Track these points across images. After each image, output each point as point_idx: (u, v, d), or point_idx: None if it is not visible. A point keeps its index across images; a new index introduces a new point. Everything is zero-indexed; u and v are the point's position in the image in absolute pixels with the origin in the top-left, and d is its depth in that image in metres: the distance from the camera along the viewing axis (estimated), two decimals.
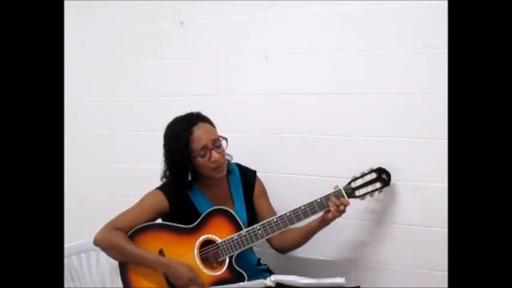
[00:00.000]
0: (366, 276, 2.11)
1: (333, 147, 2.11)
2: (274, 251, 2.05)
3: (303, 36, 2.13)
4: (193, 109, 1.97)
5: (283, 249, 2.03)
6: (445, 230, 1.86)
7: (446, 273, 1.38)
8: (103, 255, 2.39)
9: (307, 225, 1.94)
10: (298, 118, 2.18)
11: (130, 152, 2.59)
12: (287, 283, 1.64)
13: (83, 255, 2.39)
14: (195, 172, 1.96)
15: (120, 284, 1.95)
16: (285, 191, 2.10)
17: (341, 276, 1.64)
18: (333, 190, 1.89)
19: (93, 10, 2.55)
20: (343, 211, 1.87)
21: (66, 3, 1.72)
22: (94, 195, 2.69)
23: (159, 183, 1.99)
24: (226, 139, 1.93)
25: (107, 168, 2.66)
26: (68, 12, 1.92)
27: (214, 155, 1.88)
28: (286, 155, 2.20)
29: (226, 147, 1.93)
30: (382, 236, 2.08)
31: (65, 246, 2.12)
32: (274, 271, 2.06)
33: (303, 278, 1.64)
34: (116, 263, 1.94)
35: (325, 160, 2.14)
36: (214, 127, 1.95)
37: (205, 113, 1.96)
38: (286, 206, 2.09)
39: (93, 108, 2.65)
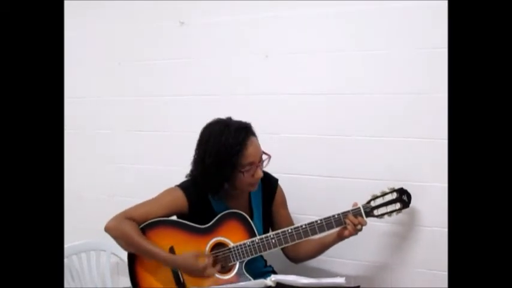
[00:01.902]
0: (366, 276, 2.11)
1: (333, 147, 2.11)
2: (277, 251, 2.05)
3: (303, 36, 2.13)
4: (194, 109, 1.97)
5: (297, 260, 2.03)
6: (445, 230, 1.86)
7: (446, 273, 1.38)
8: (103, 255, 2.40)
9: (322, 239, 1.92)
10: (298, 118, 2.18)
11: (130, 152, 2.59)
12: (287, 283, 1.64)
13: (83, 255, 2.39)
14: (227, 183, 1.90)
15: (120, 284, 1.95)
16: (285, 191, 2.10)
17: (341, 276, 1.64)
18: (351, 207, 1.86)
19: (93, 10, 2.55)
20: (360, 230, 1.84)
21: (66, 3, 1.72)
22: (94, 195, 2.69)
23: (158, 183, 1.98)
24: (270, 156, 1.89)
25: (106, 168, 2.66)
26: (68, 12, 1.92)
27: (259, 172, 1.85)
28: (286, 155, 2.20)
29: (266, 165, 1.89)
30: (382, 235, 2.08)
31: (65, 246, 2.12)
32: (277, 271, 2.05)
33: (303, 277, 1.64)
34: (116, 263, 1.94)
35: (325, 160, 2.14)
36: None
37: (205, 113, 1.95)
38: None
39: (93, 108, 2.65)
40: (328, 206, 1.90)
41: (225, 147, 1.80)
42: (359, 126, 2.06)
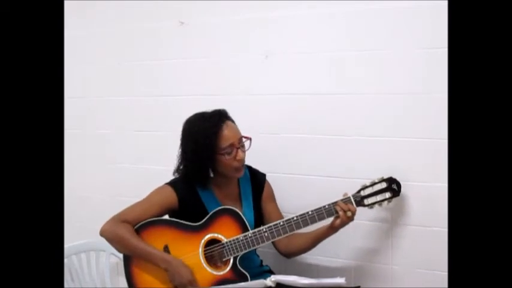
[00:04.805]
0: (366, 276, 2.11)
1: (333, 148, 2.11)
2: (274, 251, 2.05)
3: (303, 36, 2.13)
4: (193, 109, 1.97)
5: (289, 254, 2.03)
6: (445, 230, 1.86)
7: (446, 273, 1.38)
8: (103, 255, 2.40)
9: (314, 232, 1.94)
10: (298, 118, 2.18)
11: (130, 152, 2.59)
12: (287, 283, 1.64)
13: (83, 255, 2.39)
14: (212, 170, 1.95)
15: (120, 284, 1.95)
16: (285, 191, 2.10)
17: (341, 276, 1.64)
18: (342, 197, 1.88)
19: (93, 10, 2.55)
20: (351, 218, 1.86)
21: (66, 3, 1.72)
22: (94, 195, 2.68)
23: (159, 184, 1.99)
24: (250, 139, 1.94)
25: (106, 168, 2.65)
26: (68, 12, 1.92)
27: (240, 153, 1.90)
28: (286, 155, 2.20)
29: (248, 148, 1.94)
30: (382, 235, 2.08)
31: (65, 246, 2.12)
32: (274, 271, 2.06)
33: (303, 278, 1.64)
34: (116, 263, 1.95)
35: (325, 160, 2.13)
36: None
37: None
38: (286, 205, 2.10)
39: (93, 108, 2.65)
40: None
41: (202, 131, 1.87)
42: (359, 126, 2.06)
